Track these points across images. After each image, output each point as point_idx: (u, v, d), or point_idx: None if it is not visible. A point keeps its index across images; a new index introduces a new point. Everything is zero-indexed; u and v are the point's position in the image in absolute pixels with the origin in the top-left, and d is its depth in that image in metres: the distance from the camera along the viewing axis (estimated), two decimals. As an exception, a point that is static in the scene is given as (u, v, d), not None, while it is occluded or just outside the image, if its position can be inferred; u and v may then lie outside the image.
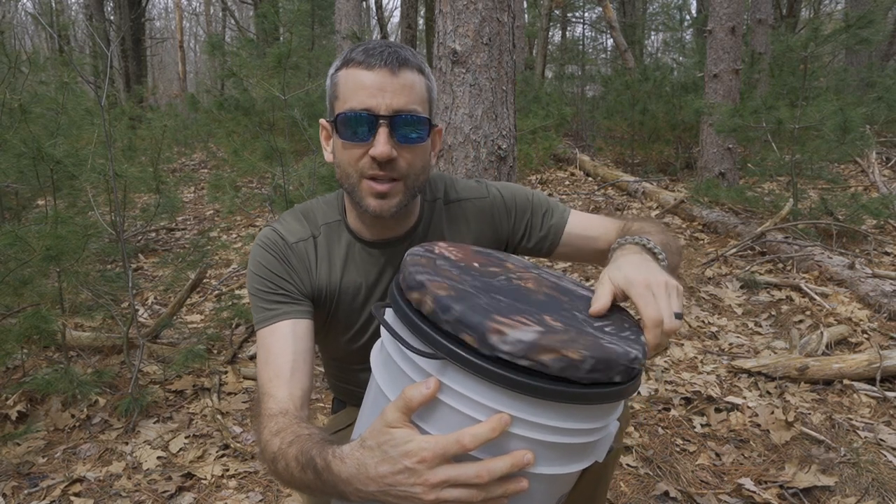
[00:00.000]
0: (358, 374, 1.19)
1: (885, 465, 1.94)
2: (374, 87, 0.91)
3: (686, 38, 12.88)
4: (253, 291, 1.03)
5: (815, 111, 4.50)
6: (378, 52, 0.93)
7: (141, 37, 12.61)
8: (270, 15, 7.62)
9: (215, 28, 19.81)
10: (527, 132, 6.26)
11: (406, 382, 0.69)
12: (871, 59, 9.35)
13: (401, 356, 0.71)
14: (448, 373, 0.65)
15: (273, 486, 1.90)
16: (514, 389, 0.63)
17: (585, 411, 0.67)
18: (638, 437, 2.12)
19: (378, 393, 0.76)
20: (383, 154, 0.91)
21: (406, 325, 0.70)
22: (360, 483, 0.67)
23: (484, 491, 0.63)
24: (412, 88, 0.94)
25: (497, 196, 1.15)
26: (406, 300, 0.73)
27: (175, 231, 5.04)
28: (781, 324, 3.08)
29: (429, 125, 0.97)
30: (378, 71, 0.92)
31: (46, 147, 2.55)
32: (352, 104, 0.92)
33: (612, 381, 0.66)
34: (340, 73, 0.96)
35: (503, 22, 2.30)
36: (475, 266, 0.84)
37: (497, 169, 2.38)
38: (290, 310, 1.00)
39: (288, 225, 1.07)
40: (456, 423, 0.65)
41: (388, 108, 0.92)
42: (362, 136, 0.93)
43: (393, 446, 0.64)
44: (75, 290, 2.44)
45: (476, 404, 0.64)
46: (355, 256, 1.08)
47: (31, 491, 1.87)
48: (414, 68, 0.95)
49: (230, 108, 5.73)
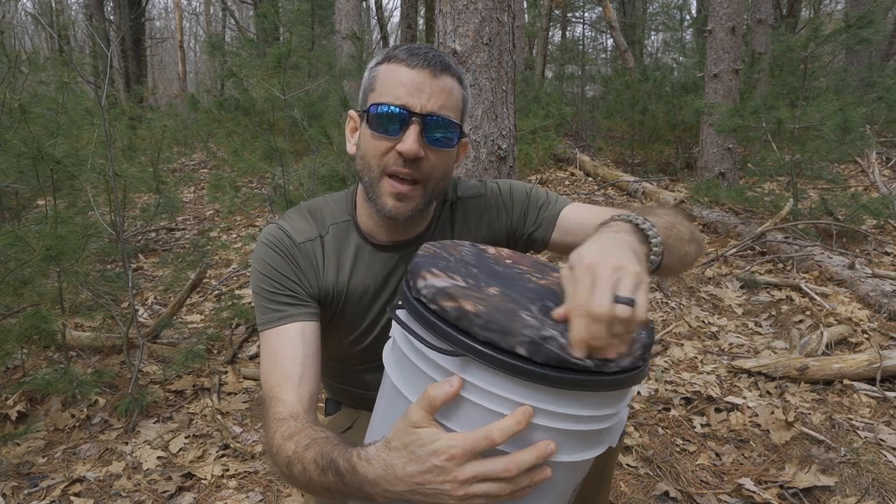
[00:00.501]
0: (358, 376, 1.18)
1: (885, 465, 1.94)
2: (412, 85, 0.92)
3: (686, 38, 12.88)
4: (258, 290, 1.01)
5: (815, 111, 4.50)
6: (422, 54, 0.94)
7: (141, 37, 12.61)
8: (270, 15, 7.62)
9: (215, 28, 19.82)
10: (527, 132, 6.26)
11: (424, 381, 0.69)
12: (871, 59, 9.35)
13: (418, 355, 0.71)
14: (469, 369, 0.66)
15: (273, 486, 1.90)
16: (535, 381, 0.64)
17: (602, 398, 0.68)
18: (638, 437, 2.12)
19: (394, 393, 0.76)
20: (411, 151, 0.91)
21: (422, 324, 0.70)
22: (388, 483, 0.67)
23: (511, 483, 0.64)
24: (449, 94, 0.95)
25: (494, 191, 1.15)
26: (420, 300, 0.73)
27: (175, 231, 5.04)
28: (781, 324, 3.08)
29: (459, 132, 0.98)
30: (419, 70, 0.92)
31: (46, 147, 2.55)
32: (387, 98, 0.93)
33: (514, 350, 0.64)
34: (381, 67, 0.97)
35: (503, 22, 2.30)
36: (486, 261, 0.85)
37: (497, 169, 2.38)
38: (298, 312, 0.99)
39: (294, 223, 1.05)
40: (479, 418, 0.66)
41: (423, 108, 0.92)
42: (393, 131, 0.93)
43: (420, 445, 0.65)
44: (75, 290, 2.44)
45: (498, 398, 0.65)
46: (364, 258, 1.06)
47: (31, 491, 1.87)
48: (454, 76, 0.96)
49: (230, 108, 5.73)
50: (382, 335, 1.10)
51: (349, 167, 3.20)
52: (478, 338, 0.65)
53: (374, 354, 1.12)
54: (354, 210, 1.08)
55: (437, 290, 0.70)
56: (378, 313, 1.09)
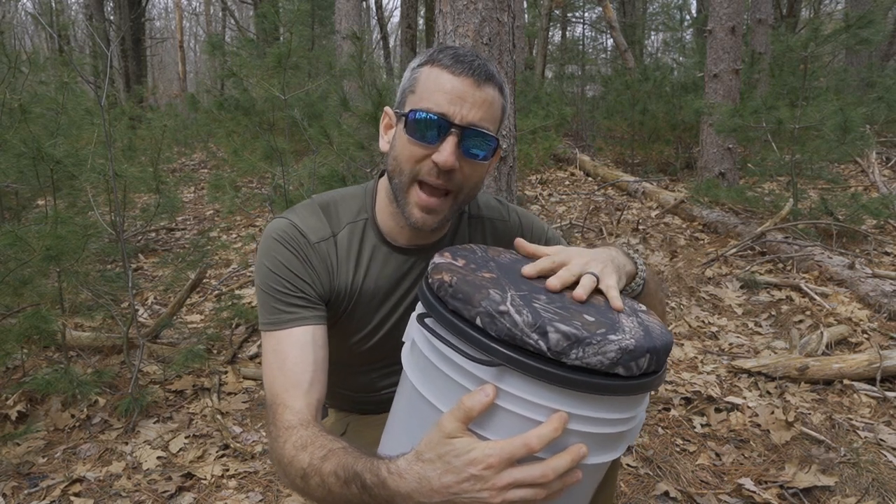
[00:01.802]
0: (356, 378, 1.16)
1: (885, 465, 1.94)
2: (454, 93, 0.90)
3: (686, 38, 12.88)
4: (266, 288, 0.96)
5: (815, 111, 4.50)
6: (468, 61, 0.91)
7: (141, 37, 12.61)
8: (270, 15, 7.61)
9: (215, 28, 19.81)
10: (527, 132, 6.26)
11: (453, 387, 0.70)
12: (871, 59, 9.34)
13: (447, 363, 0.71)
14: (505, 378, 0.67)
15: (273, 486, 1.90)
16: (570, 388, 0.66)
17: (627, 402, 0.71)
18: (638, 437, 2.12)
19: (415, 397, 0.76)
20: (447, 163, 0.90)
21: (455, 334, 0.70)
22: (423, 496, 0.66)
23: (546, 487, 0.65)
24: (491, 105, 0.93)
25: (516, 222, 1.16)
26: (453, 310, 0.73)
27: (175, 231, 5.04)
28: (781, 324, 3.08)
29: (496, 144, 0.96)
30: (463, 79, 0.90)
31: (46, 147, 2.55)
32: (428, 104, 0.91)
33: (474, 321, 0.69)
34: (424, 69, 0.94)
35: (503, 22, 2.30)
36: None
37: (497, 169, 2.38)
38: (310, 315, 0.95)
39: (306, 220, 1.00)
40: (514, 426, 0.67)
41: (463, 119, 0.90)
42: (430, 139, 0.91)
43: (455, 456, 0.65)
44: (75, 290, 2.44)
45: (533, 405, 0.67)
46: (379, 259, 1.04)
47: (31, 491, 1.87)
48: (497, 86, 0.94)
49: (230, 108, 5.73)
50: (387, 336, 1.08)
51: (349, 167, 3.20)
52: (448, 305, 0.72)
53: (378, 355, 1.11)
54: (373, 207, 1.05)
55: (434, 266, 0.79)
56: (386, 314, 1.07)
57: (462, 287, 0.71)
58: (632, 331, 0.71)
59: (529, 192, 6.35)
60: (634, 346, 0.67)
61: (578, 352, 0.65)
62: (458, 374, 0.70)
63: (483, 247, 0.92)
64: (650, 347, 0.69)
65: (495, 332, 0.67)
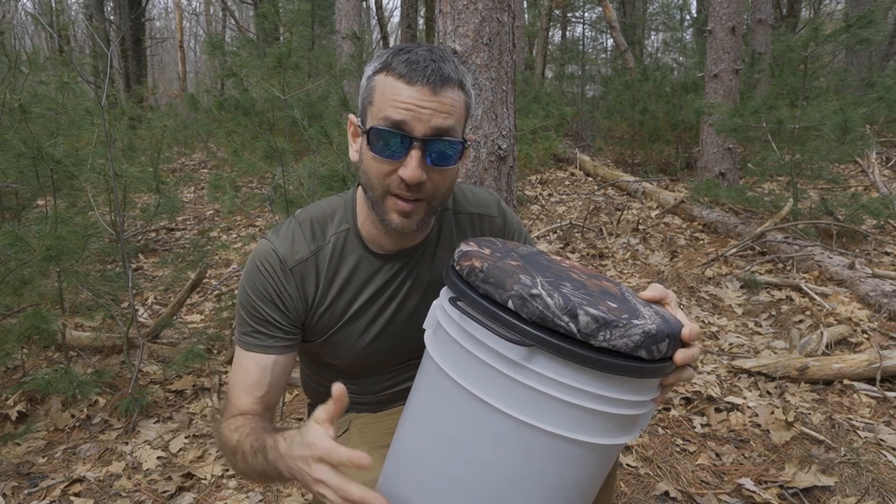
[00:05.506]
0: (352, 381, 1.16)
1: (885, 465, 1.94)
2: (411, 103, 0.87)
3: (686, 38, 12.88)
4: (241, 308, 1.02)
5: (815, 111, 4.50)
6: (421, 67, 0.87)
7: (141, 37, 12.61)
8: (270, 15, 7.59)
9: (215, 28, 19.82)
10: (527, 132, 6.26)
11: (484, 369, 0.72)
12: (871, 59, 9.34)
13: (477, 345, 0.73)
14: (534, 358, 0.70)
15: (273, 486, 1.90)
16: (597, 368, 0.69)
17: (647, 385, 0.75)
18: (638, 437, 2.12)
19: (441, 381, 0.77)
20: (413, 178, 0.89)
21: (488, 317, 0.73)
22: (289, 459, 0.78)
23: (341, 497, 0.72)
24: (452, 107, 0.90)
25: (500, 220, 1.17)
26: (484, 294, 0.75)
27: (175, 231, 5.04)
28: (781, 324, 3.08)
29: (462, 146, 0.94)
30: (419, 88, 0.87)
31: (46, 147, 2.55)
32: (387, 114, 0.88)
33: (506, 304, 0.71)
34: (378, 77, 0.91)
35: (503, 22, 2.30)
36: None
37: (497, 169, 2.38)
38: (273, 345, 1.01)
39: (286, 242, 1.02)
40: (540, 405, 0.70)
41: (424, 130, 0.88)
42: (393, 155, 0.89)
43: (306, 436, 0.76)
44: (75, 290, 2.44)
45: (560, 385, 0.70)
46: (364, 267, 1.05)
47: (31, 491, 1.87)
48: (456, 84, 0.91)
49: (230, 108, 5.74)
50: (379, 342, 1.09)
51: (349, 167, 3.20)
52: (478, 290, 0.75)
53: (373, 359, 1.11)
54: (354, 216, 1.06)
55: (461, 254, 0.81)
56: (374, 319, 1.07)
57: (493, 272, 0.74)
58: (651, 317, 0.74)
59: (529, 192, 6.35)
60: (656, 330, 0.71)
61: (606, 334, 0.68)
62: (487, 355, 0.72)
63: (501, 240, 0.95)
64: (669, 333, 0.73)
65: (527, 315, 0.70)
